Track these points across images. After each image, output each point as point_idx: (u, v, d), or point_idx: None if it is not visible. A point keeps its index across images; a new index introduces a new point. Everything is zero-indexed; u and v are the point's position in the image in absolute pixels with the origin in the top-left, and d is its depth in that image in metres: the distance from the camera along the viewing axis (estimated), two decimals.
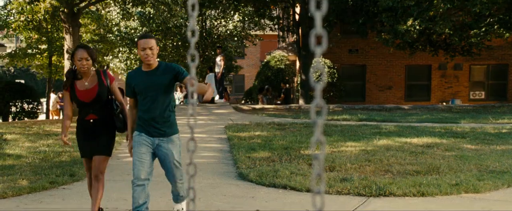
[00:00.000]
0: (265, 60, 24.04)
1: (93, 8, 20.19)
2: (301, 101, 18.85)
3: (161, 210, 4.84)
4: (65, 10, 14.81)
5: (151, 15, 23.78)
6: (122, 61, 27.67)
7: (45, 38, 22.14)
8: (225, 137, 9.43)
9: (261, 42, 29.62)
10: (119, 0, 16.87)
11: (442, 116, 13.42)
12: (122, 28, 25.88)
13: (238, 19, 26.28)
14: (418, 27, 16.07)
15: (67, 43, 15.14)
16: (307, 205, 4.88)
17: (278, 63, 22.71)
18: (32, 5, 15.77)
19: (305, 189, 5.43)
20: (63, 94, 4.47)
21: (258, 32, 27.15)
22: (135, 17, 23.93)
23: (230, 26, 26.76)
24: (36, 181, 6.01)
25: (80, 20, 16.05)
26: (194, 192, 1.29)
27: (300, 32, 19.26)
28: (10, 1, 19.50)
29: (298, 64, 21.21)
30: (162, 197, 5.23)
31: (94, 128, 4.28)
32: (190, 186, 1.29)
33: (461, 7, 16.42)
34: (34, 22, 19.41)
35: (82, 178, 6.15)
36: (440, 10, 15.98)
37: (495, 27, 16.73)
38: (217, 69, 18.04)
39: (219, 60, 18.03)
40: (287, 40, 24.32)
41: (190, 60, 1.22)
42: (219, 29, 26.91)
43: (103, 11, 22.01)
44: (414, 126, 10.79)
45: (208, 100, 4.10)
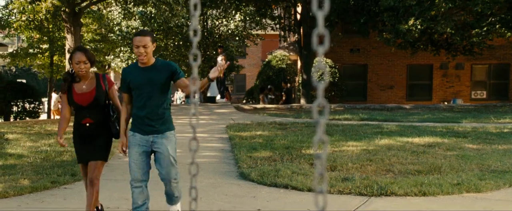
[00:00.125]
0: (266, 60, 24.06)
1: (94, 7, 20.18)
2: (302, 101, 18.84)
3: (161, 210, 4.84)
4: (66, 10, 14.83)
5: (153, 15, 23.79)
6: (124, 61, 27.64)
7: (46, 37, 22.15)
8: (226, 136, 9.43)
9: (262, 41, 29.58)
10: (121, 0, 16.87)
11: (443, 116, 13.41)
12: (123, 28, 25.85)
13: (239, 19, 26.25)
14: (419, 27, 16.04)
15: (69, 42, 15.17)
16: (308, 205, 4.88)
17: (279, 62, 22.71)
18: (33, 4, 15.79)
19: (306, 189, 5.43)
20: (61, 96, 4.45)
21: (259, 32, 27.11)
22: (137, 17, 23.93)
23: (232, 26, 26.73)
24: (37, 181, 6.01)
25: (81, 20, 16.07)
26: (196, 191, 1.29)
27: (301, 31, 19.25)
28: (12, 1, 19.50)
29: (299, 63, 21.19)
30: (162, 197, 5.22)
31: (90, 132, 4.22)
32: (192, 185, 1.29)
33: (462, 6, 16.39)
34: (36, 22, 19.44)
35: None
36: (442, 10, 15.95)
37: (497, 26, 16.70)
38: None
39: (221, 59, 18.03)
40: (288, 39, 24.31)
41: (192, 60, 1.21)
42: (221, 28, 26.89)
43: (104, 11, 22.01)
44: (416, 126, 10.79)
45: (217, 76, 4.09)
